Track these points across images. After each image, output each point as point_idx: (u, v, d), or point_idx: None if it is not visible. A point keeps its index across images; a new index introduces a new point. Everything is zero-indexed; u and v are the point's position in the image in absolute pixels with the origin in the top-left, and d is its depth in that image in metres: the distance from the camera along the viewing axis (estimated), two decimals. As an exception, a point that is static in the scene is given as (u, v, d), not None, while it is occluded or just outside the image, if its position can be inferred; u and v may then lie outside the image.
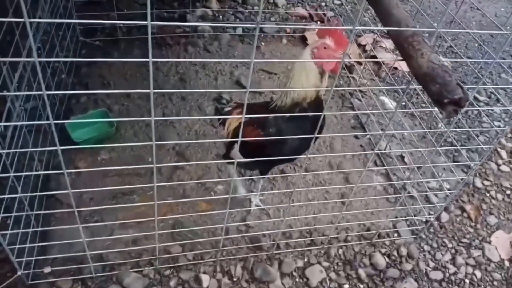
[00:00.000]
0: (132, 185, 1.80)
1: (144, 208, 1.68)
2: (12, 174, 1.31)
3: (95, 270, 1.51)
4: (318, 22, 3.03)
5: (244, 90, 0.97)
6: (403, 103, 2.49)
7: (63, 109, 2.08)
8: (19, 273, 1.43)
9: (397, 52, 3.01)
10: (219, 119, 1.77)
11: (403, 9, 1.24)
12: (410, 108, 2.38)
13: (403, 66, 2.76)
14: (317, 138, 1.30)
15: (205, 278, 1.57)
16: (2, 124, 1.38)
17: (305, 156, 1.67)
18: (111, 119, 1.98)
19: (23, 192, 1.43)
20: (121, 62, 2.47)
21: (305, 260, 1.71)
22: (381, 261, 1.74)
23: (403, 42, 1.12)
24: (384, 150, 2.17)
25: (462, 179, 1.69)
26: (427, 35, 1.20)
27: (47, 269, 1.53)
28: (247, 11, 3.02)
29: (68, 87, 2.22)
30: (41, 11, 1.92)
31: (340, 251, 1.75)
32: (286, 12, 3.10)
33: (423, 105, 2.51)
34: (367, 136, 2.23)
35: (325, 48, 1.36)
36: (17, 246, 1.37)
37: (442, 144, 2.24)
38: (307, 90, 1.38)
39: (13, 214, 1.36)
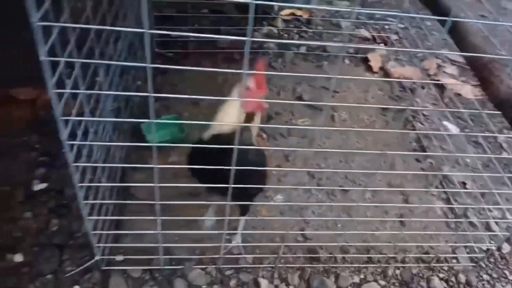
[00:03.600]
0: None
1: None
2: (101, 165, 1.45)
3: (163, 262, 1.61)
4: (382, 44, 3.07)
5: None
6: (467, 130, 2.46)
7: (138, 113, 2.25)
8: (96, 258, 1.56)
9: (461, 78, 2.97)
10: None
11: (480, 36, 1.28)
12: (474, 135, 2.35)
13: (466, 92, 2.74)
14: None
15: (263, 283, 1.63)
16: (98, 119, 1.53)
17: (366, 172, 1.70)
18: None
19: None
20: (193, 73, 2.63)
21: (361, 276, 1.73)
22: (438, 285, 1.72)
23: (482, 68, 1.15)
24: (446, 174, 2.16)
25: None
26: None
27: (119, 257, 1.66)
28: (311, 30, 3.12)
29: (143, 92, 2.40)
30: (128, 22, 2.11)
31: (397, 271, 1.76)
32: (349, 34, 3.16)
33: (487, 132, 2.47)
34: (429, 160, 2.22)
35: (247, 89, 1.30)
36: (98, 232, 1.50)
37: (508, 171, 2.19)
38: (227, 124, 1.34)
39: (105, 201, 1.50)
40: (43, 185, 1.93)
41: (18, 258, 1.67)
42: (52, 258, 1.67)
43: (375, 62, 2.83)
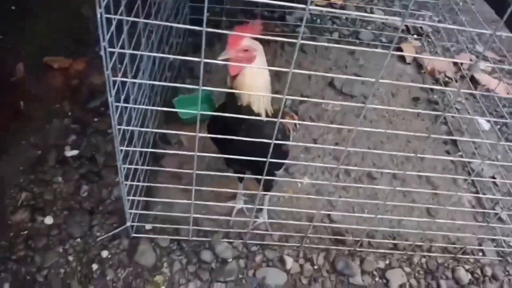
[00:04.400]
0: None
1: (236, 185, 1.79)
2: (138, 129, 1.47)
3: (192, 233, 1.63)
4: (415, 35, 3.02)
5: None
6: (498, 127, 2.42)
7: (170, 88, 2.26)
8: (128, 224, 1.58)
9: (494, 75, 2.90)
10: None
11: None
12: (506, 131, 2.31)
13: (500, 90, 2.68)
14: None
15: (289, 261, 1.64)
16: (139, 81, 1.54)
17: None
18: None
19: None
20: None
21: (387, 262, 1.72)
22: (464, 276, 1.71)
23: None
24: (474, 164, 2.12)
25: None
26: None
27: (148, 226, 1.68)
28: (344, 17, 3.08)
29: (175, 69, 2.42)
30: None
31: (423, 260, 1.75)
32: (382, 23, 3.11)
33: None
34: (459, 154, 2.20)
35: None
36: (131, 197, 1.51)
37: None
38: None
39: (142, 167, 1.53)
40: (74, 152, 1.97)
41: (48, 220, 1.71)
42: (82, 222, 1.71)
43: (408, 52, 2.78)
